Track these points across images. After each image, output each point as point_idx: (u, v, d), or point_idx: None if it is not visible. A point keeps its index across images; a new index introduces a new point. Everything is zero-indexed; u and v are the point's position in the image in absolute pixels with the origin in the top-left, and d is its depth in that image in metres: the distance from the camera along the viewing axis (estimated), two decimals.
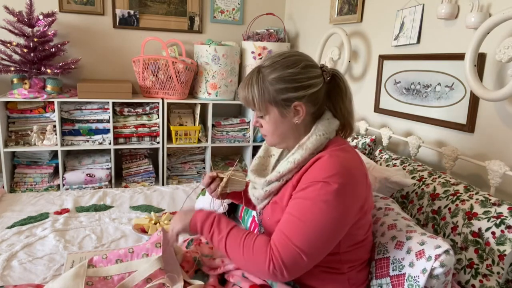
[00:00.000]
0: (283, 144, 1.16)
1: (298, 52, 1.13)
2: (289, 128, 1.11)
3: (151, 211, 1.87)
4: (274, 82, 1.06)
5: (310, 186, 1.00)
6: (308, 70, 1.07)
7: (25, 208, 1.85)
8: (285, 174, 1.10)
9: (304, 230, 0.97)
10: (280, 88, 1.05)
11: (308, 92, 1.06)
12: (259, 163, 1.27)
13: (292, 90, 1.05)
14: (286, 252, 0.97)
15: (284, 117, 1.09)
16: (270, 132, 1.13)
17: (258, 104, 1.08)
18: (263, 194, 1.16)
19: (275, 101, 1.07)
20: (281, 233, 1.00)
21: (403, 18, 1.97)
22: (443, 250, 1.03)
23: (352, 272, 1.14)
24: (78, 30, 2.88)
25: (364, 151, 2.01)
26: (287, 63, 1.07)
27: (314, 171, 1.02)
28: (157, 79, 2.78)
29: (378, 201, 1.40)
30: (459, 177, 1.66)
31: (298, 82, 1.06)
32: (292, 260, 0.97)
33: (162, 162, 2.89)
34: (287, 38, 3.22)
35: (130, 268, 1.17)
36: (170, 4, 3.05)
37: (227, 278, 1.23)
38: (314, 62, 1.11)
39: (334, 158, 1.02)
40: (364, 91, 2.34)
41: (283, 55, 1.09)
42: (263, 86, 1.06)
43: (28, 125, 2.63)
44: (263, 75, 1.07)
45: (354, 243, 1.11)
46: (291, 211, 1.02)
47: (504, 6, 1.40)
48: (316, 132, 1.09)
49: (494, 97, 1.39)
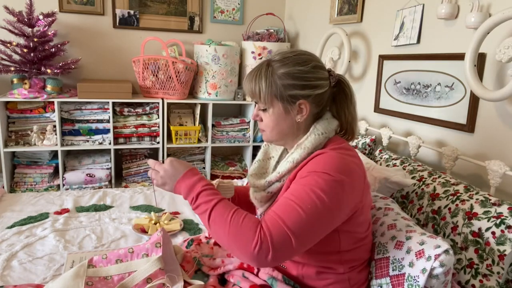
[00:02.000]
0: (280, 141, 1.16)
1: (309, 52, 1.14)
2: (290, 125, 1.11)
3: (151, 211, 1.87)
4: (283, 76, 1.06)
5: (309, 175, 0.99)
6: (317, 71, 1.08)
7: (25, 208, 1.85)
8: (285, 174, 1.09)
9: (298, 213, 0.94)
10: (288, 83, 1.06)
11: (315, 92, 1.07)
12: (259, 167, 1.26)
13: (299, 88, 1.06)
14: (277, 232, 0.92)
15: (287, 113, 1.09)
16: (270, 127, 1.12)
17: (264, 96, 1.08)
18: (265, 196, 1.16)
19: (281, 95, 1.07)
20: (274, 214, 0.96)
21: (403, 18, 1.97)
22: (442, 250, 1.03)
23: (353, 272, 1.14)
24: (78, 30, 2.88)
25: (364, 151, 2.01)
26: (297, 60, 1.07)
27: (314, 163, 1.02)
28: (157, 79, 2.78)
29: (377, 201, 1.40)
30: (459, 177, 1.66)
31: (306, 81, 1.06)
32: (282, 241, 0.92)
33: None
34: (287, 38, 3.22)
35: (130, 268, 1.17)
36: (170, 4, 3.05)
37: (227, 278, 1.23)
38: (323, 64, 1.13)
39: (335, 154, 1.03)
40: (364, 91, 2.34)
41: (295, 52, 1.10)
42: (272, 79, 1.07)
43: (28, 125, 2.63)
44: (273, 69, 1.07)
45: (355, 241, 1.11)
46: (287, 196, 1.00)
47: (504, 6, 1.40)
48: (315, 131, 1.09)
49: (494, 97, 1.39)
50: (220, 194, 1.04)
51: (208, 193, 1.02)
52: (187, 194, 1.05)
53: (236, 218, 0.96)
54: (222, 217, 0.98)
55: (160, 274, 1.14)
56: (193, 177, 1.06)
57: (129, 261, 1.19)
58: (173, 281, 1.15)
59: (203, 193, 1.02)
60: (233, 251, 0.97)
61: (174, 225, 1.69)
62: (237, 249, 0.95)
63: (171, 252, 1.25)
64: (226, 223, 0.96)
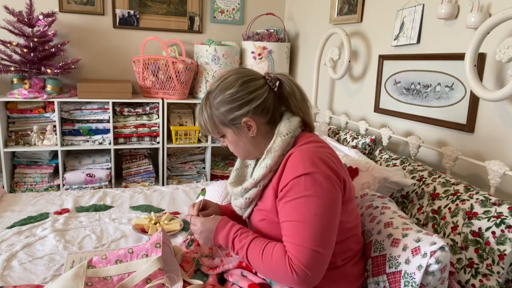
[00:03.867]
0: (251, 156, 1.21)
1: (236, 70, 1.17)
2: (249, 142, 1.16)
3: (151, 211, 1.87)
4: (218, 106, 1.12)
5: (293, 187, 1.03)
6: (246, 86, 1.11)
7: (25, 208, 1.85)
8: (260, 180, 1.12)
9: (309, 229, 0.98)
10: (224, 110, 1.11)
11: (252, 106, 1.11)
12: (237, 175, 1.30)
13: (236, 109, 1.11)
14: (304, 256, 0.97)
15: (239, 135, 1.15)
16: (234, 150, 1.20)
17: (211, 128, 1.16)
18: (244, 203, 1.19)
19: (223, 123, 1.13)
20: (291, 243, 1.00)
21: (403, 18, 1.97)
22: (438, 247, 1.03)
23: (347, 266, 1.15)
24: (78, 30, 2.88)
25: (364, 151, 2.01)
26: (225, 85, 1.12)
27: (290, 169, 1.05)
28: (157, 79, 2.78)
29: (375, 200, 1.40)
30: (459, 177, 1.66)
31: (239, 100, 1.10)
32: (313, 261, 0.97)
33: (162, 162, 2.89)
34: (287, 38, 3.22)
35: (129, 269, 1.17)
36: (170, 4, 3.05)
37: (226, 277, 1.23)
38: (253, 75, 1.15)
39: (302, 150, 1.07)
40: (364, 91, 2.34)
41: (221, 78, 1.15)
42: (210, 112, 1.14)
43: (28, 125, 2.63)
44: (209, 102, 1.14)
45: (344, 232, 1.12)
46: (288, 218, 1.03)
47: (504, 6, 1.39)
48: (279, 134, 1.12)
49: (494, 97, 1.39)
50: (249, 233, 1.11)
51: (239, 239, 1.10)
52: (226, 246, 1.14)
53: (267, 258, 1.03)
54: (255, 259, 1.06)
55: (160, 274, 1.14)
56: (224, 229, 1.14)
57: (128, 261, 1.19)
58: (173, 281, 1.15)
59: (236, 240, 1.10)
60: (281, 284, 1.08)
61: (174, 225, 1.69)
62: (282, 282, 1.03)
63: (170, 252, 1.25)
64: (261, 264, 1.05)
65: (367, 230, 1.28)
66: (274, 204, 1.09)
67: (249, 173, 1.29)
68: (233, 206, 1.26)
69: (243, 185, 1.17)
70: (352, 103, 2.47)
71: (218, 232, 1.14)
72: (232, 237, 1.11)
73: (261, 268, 1.06)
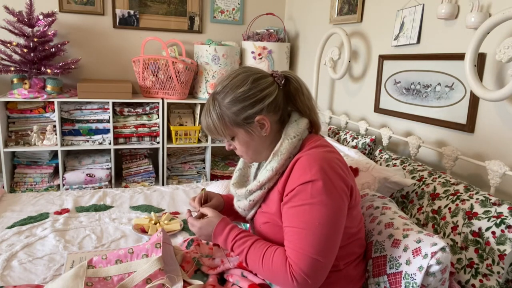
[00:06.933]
0: (260, 158, 1.17)
1: (243, 68, 1.15)
2: (260, 142, 1.13)
3: (151, 211, 1.87)
4: (229, 105, 1.08)
5: (299, 193, 1.01)
6: (258, 83, 1.09)
7: (25, 208, 1.85)
8: (266, 182, 1.11)
9: (311, 236, 0.98)
10: (237, 109, 1.08)
11: (265, 103, 1.08)
12: (240, 175, 1.28)
13: (249, 107, 1.07)
14: (304, 264, 0.97)
15: (251, 134, 1.11)
16: (244, 151, 1.15)
17: (222, 130, 1.11)
18: (248, 205, 1.17)
19: (236, 122, 1.09)
20: (292, 249, 1.00)
21: (403, 18, 1.97)
22: (439, 248, 1.03)
23: (349, 268, 1.15)
24: (78, 30, 2.88)
25: (364, 151, 2.01)
26: (236, 83, 1.09)
27: (297, 174, 1.03)
28: (157, 79, 2.78)
29: (375, 200, 1.40)
30: (459, 177, 1.66)
31: (252, 98, 1.07)
32: (312, 268, 0.97)
33: (162, 162, 2.89)
34: (287, 38, 3.22)
35: (129, 269, 1.17)
36: (170, 4, 3.04)
37: (226, 277, 1.23)
38: (262, 72, 1.13)
39: (311, 156, 1.04)
40: (364, 91, 2.34)
41: (230, 77, 1.11)
42: (221, 112, 1.09)
43: (28, 125, 2.63)
44: (218, 102, 1.10)
45: (348, 236, 1.12)
46: (292, 224, 1.02)
47: (504, 6, 1.39)
48: (287, 136, 1.10)
49: (494, 97, 1.39)
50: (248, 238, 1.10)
51: (238, 245, 1.09)
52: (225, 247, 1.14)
53: (267, 264, 1.03)
54: (255, 264, 1.06)
55: (160, 274, 1.14)
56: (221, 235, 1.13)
57: (128, 261, 1.19)
58: (173, 281, 1.15)
59: (235, 246, 1.10)
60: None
61: (174, 225, 1.69)
62: (282, 287, 1.04)
63: (170, 252, 1.25)
64: (261, 269, 1.05)
65: (368, 231, 1.28)
66: (278, 207, 1.08)
67: (252, 173, 1.28)
68: (236, 207, 1.24)
69: (247, 187, 1.15)
70: (352, 103, 2.47)
71: (216, 238, 1.13)
72: (230, 244, 1.10)
73: (261, 272, 1.07)
